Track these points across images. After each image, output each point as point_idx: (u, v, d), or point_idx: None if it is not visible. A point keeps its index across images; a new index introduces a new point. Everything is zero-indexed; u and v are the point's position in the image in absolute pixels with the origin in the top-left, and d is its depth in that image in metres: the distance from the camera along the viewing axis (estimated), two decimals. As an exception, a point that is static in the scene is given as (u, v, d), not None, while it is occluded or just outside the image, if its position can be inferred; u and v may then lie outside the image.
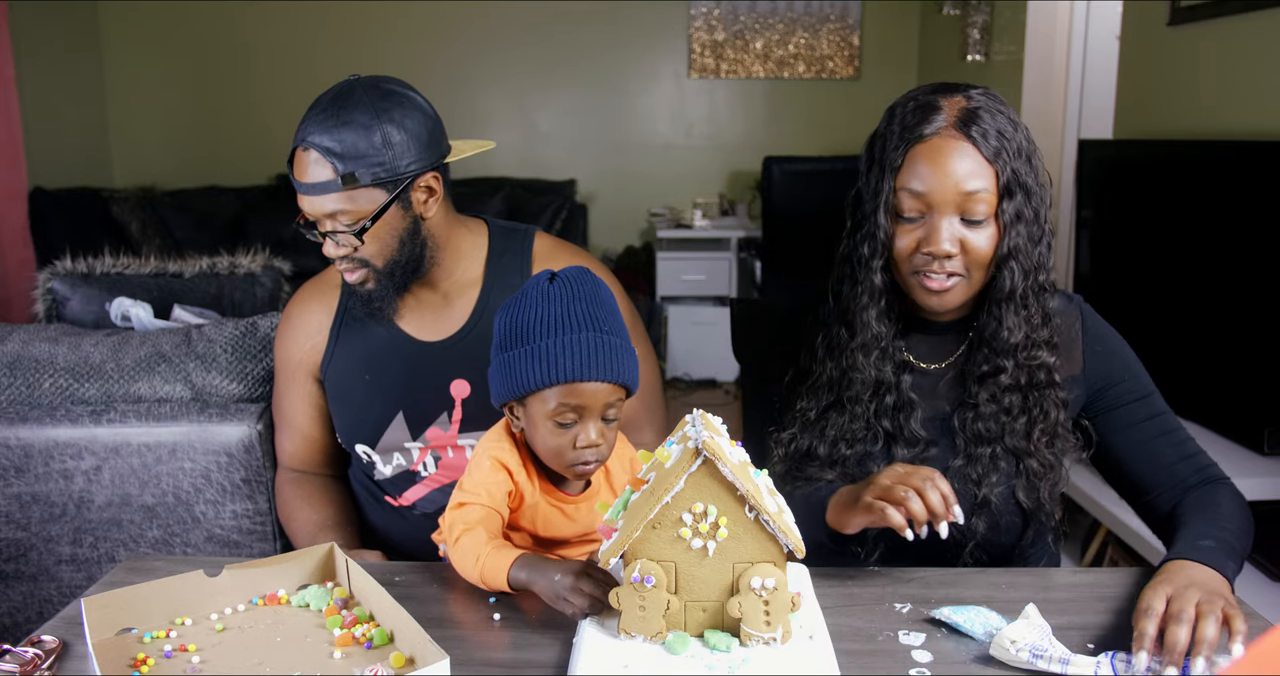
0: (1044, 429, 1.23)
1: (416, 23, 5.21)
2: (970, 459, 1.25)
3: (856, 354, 1.26)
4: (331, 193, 1.32)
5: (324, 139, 1.31)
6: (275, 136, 5.34)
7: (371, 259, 1.38)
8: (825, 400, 1.29)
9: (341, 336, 1.49)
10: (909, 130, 1.19)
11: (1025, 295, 1.21)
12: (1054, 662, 0.94)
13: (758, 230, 4.64)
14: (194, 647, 1.01)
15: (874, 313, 1.25)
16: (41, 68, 4.64)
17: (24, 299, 3.72)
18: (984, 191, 1.16)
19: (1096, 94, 3.42)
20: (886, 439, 1.28)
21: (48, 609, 1.69)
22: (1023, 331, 1.22)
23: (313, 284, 1.57)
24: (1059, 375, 1.24)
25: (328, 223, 1.35)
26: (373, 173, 1.32)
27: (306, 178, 1.33)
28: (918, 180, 1.17)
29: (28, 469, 1.61)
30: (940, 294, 1.21)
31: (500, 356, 1.15)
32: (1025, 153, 1.19)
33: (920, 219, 1.19)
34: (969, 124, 1.17)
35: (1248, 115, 2.32)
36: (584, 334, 1.11)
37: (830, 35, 5.22)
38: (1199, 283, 2.23)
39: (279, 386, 1.56)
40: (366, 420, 1.47)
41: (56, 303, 2.10)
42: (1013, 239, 1.18)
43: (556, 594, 1.02)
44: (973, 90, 1.21)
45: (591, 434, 1.12)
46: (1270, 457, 2.02)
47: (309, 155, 1.33)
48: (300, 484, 1.55)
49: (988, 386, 1.24)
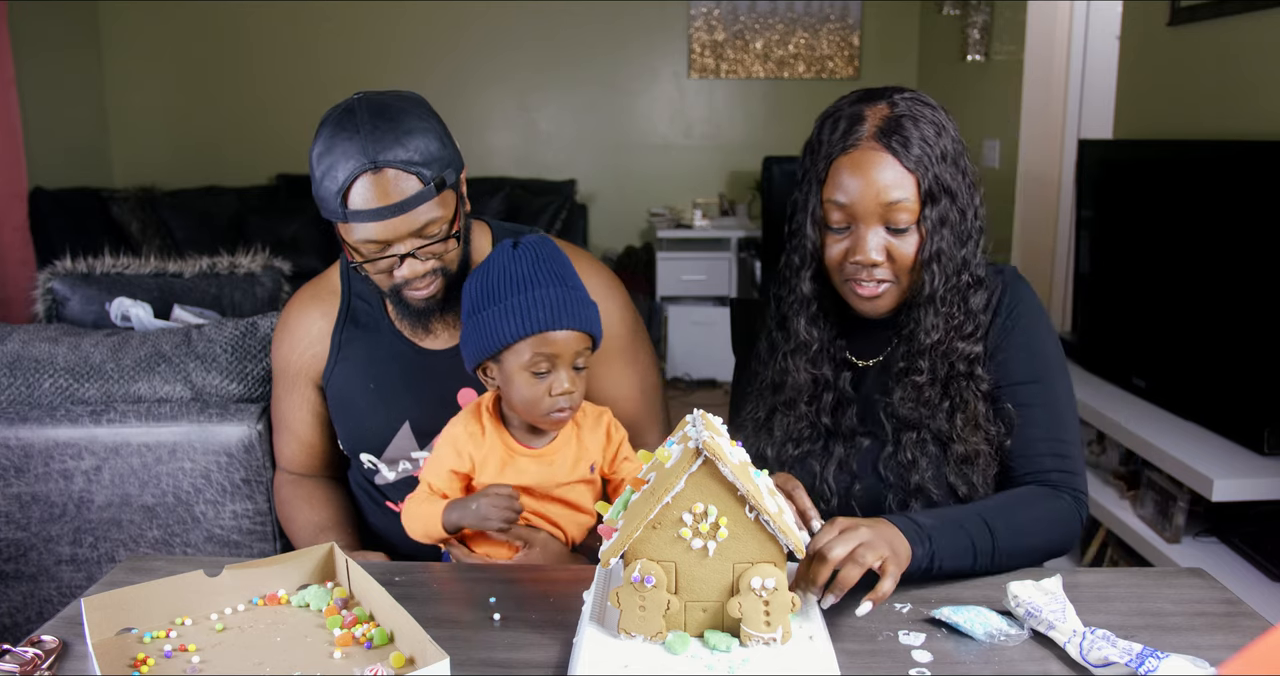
0: (966, 418, 1.24)
1: (417, 23, 5.22)
2: (899, 445, 1.26)
3: (789, 358, 1.31)
4: (425, 202, 1.25)
5: (397, 153, 1.23)
6: (275, 136, 5.36)
7: (450, 265, 1.33)
8: (769, 403, 1.34)
9: (344, 344, 1.47)
10: (833, 143, 1.22)
11: (945, 296, 1.23)
12: (1041, 624, 1.01)
13: (758, 230, 4.64)
14: (194, 647, 1.01)
15: (803, 319, 1.30)
16: (41, 68, 4.65)
17: (24, 299, 3.72)
18: (906, 200, 1.19)
19: (1096, 94, 3.43)
20: (825, 436, 1.31)
21: (48, 609, 1.69)
22: (940, 331, 1.24)
23: (309, 288, 1.52)
24: (979, 367, 1.25)
25: (410, 242, 1.27)
26: (453, 173, 1.29)
27: (391, 198, 1.23)
28: (841, 192, 1.21)
29: (28, 469, 1.61)
30: (871, 300, 1.25)
31: (473, 319, 1.22)
32: (950, 155, 1.21)
33: (847, 229, 1.23)
34: (889, 134, 1.19)
35: (1248, 115, 2.32)
36: (551, 289, 1.19)
37: (830, 35, 5.23)
38: (1199, 282, 2.23)
39: (277, 391, 1.54)
40: (372, 429, 1.44)
41: (56, 303, 2.10)
42: (935, 244, 1.21)
43: (482, 517, 1.18)
44: (898, 95, 1.23)
45: (564, 382, 1.20)
46: (1270, 457, 2.02)
47: (384, 175, 1.23)
48: (300, 485, 1.54)
49: (903, 383, 1.26)
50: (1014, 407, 1.25)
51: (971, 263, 1.25)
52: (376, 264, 1.29)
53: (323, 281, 1.52)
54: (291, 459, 1.55)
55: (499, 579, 1.18)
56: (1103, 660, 0.94)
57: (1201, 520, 2.18)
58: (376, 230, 1.25)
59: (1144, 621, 1.06)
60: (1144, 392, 2.46)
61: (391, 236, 1.26)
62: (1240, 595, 1.15)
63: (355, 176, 1.23)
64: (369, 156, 1.22)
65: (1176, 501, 2.17)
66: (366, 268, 1.31)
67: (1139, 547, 2.25)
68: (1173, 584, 1.16)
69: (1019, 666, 0.97)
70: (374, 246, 1.27)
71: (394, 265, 1.29)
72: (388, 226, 1.24)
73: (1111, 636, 0.96)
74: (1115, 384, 2.58)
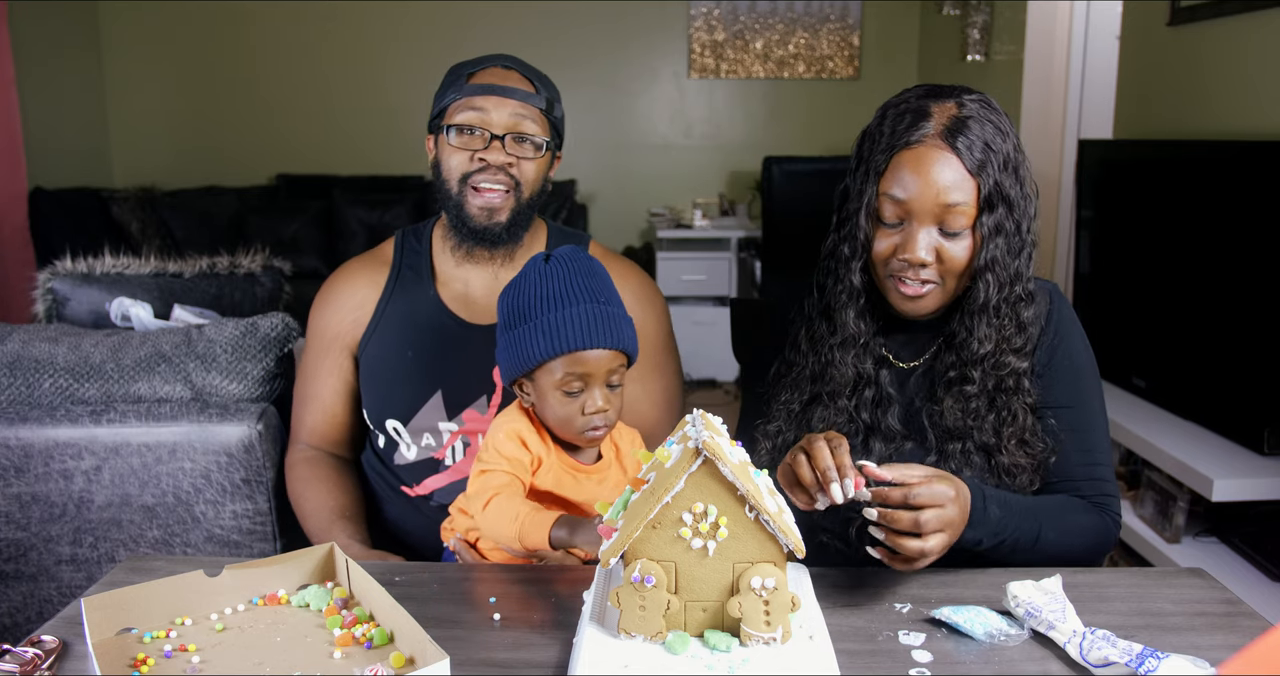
0: (1013, 432, 1.23)
1: (417, 23, 5.21)
2: (943, 455, 1.25)
3: (835, 351, 1.27)
4: (533, 104, 1.44)
5: (527, 69, 1.47)
6: (275, 136, 5.37)
7: (524, 181, 1.45)
8: (807, 393, 1.30)
9: (387, 312, 1.52)
10: (897, 135, 1.19)
11: (999, 306, 1.21)
12: (1041, 624, 1.01)
13: (758, 230, 4.64)
14: (194, 647, 1.00)
15: (852, 312, 1.26)
16: (41, 67, 4.65)
17: (24, 299, 3.72)
18: (964, 204, 1.16)
19: (1096, 94, 3.43)
20: (865, 432, 1.29)
21: (48, 609, 1.69)
22: (993, 342, 1.22)
23: (359, 259, 1.59)
24: (1028, 381, 1.24)
25: (507, 129, 1.42)
26: (559, 116, 1.49)
27: (509, 83, 1.44)
28: (899, 187, 1.18)
29: (28, 469, 1.61)
30: (914, 300, 1.22)
31: (506, 335, 1.21)
32: (1012, 164, 1.18)
33: (899, 225, 1.20)
34: (955, 134, 1.16)
35: (1248, 115, 2.32)
36: (583, 306, 1.17)
37: (830, 35, 5.22)
38: (1199, 282, 2.23)
39: (308, 359, 1.57)
40: (403, 396, 1.47)
41: (56, 302, 2.10)
42: (990, 251, 1.18)
43: (595, 543, 1.08)
44: (967, 96, 1.20)
45: (598, 400, 1.19)
46: (1270, 457, 2.02)
47: (511, 72, 1.45)
48: (316, 464, 1.53)
49: (953, 392, 1.24)
50: (1056, 430, 1.25)
51: (1024, 275, 1.23)
52: (466, 140, 1.42)
53: (374, 254, 1.60)
54: (312, 430, 1.56)
55: (499, 579, 1.18)
56: (1103, 660, 0.94)
57: (1201, 520, 2.18)
58: (485, 103, 1.41)
59: (1144, 621, 1.06)
60: (1144, 392, 2.46)
61: (495, 114, 1.41)
62: (1240, 595, 1.14)
63: (488, 65, 1.46)
64: (500, 60, 1.47)
65: (1176, 501, 2.17)
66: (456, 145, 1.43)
67: (1139, 547, 2.25)
68: (1173, 584, 1.16)
69: (1019, 666, 0.97)
70: (474, 115, 1.42)
71: (482, 145, 1.42)
72: (495, 102, 1.41)
73: (1111, 636, 0.96)
74: (1115, 384, 2.58)
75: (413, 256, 1.56)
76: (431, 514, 1.47)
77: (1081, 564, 1.21)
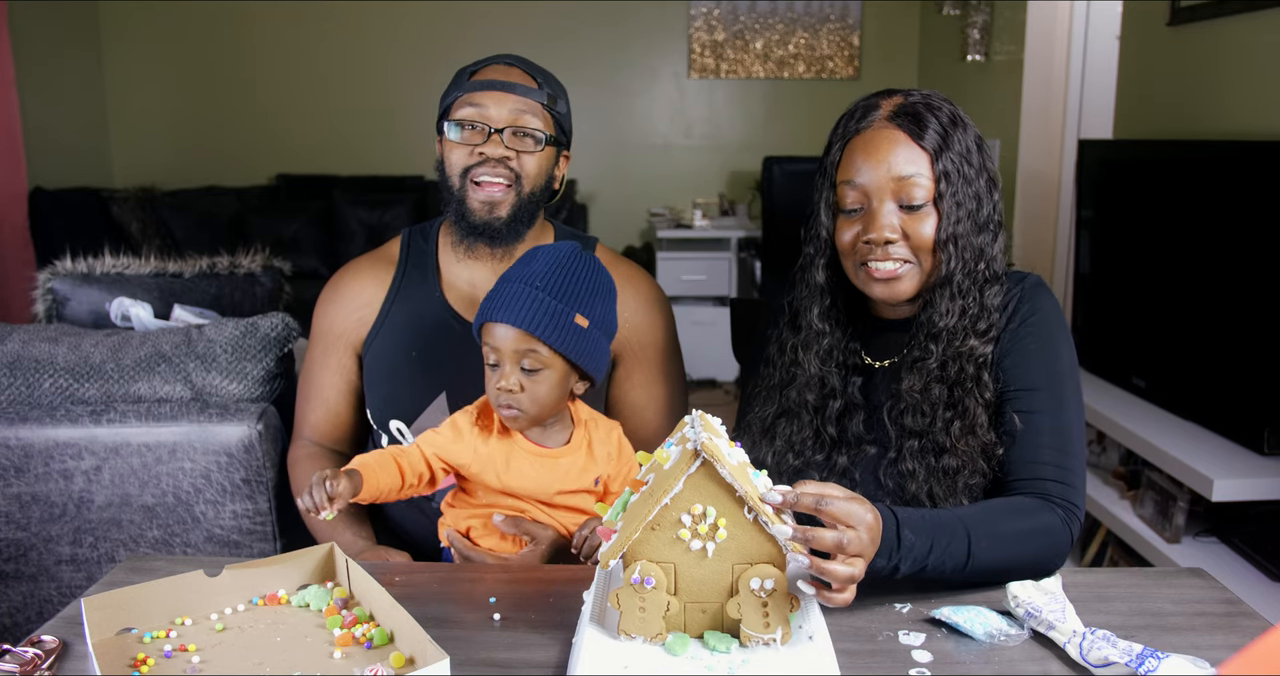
0: (963, 425, 1.19)
1: (417, 23, 5.21)
2: (900, 452, 1.23)
3: (799, 350, 1.28)
4: (534, 99, 1.45)
5: (530, 66, 1.48)
6: (275, 137, 5.37)
7: (524, 175, 1.45)
8: (775, 406, 1.30)
9: (392, 312, 1.52)
10: (848, 130, 1.23)
11: (961, 282, 1.21)
12: (1041, 624, 1.01)
13: (758, 230, 4.64)
14: (194, 647, 1.00)
15: (816, 309, 1.28)
16: (41, 67, 4.65)
17: (24, 299, 3.72)
18: (919, 175, 1.18)
19: (1096, 94, 3.43)
20: (830, 446, 1.28)
21: (48, 609, 1.69)
22: (955, 317, 1.21)
23: (366, 258, 1.59)
24: (987, 375, 1.21)
25: (507, 122, 1.42)
26: (562, 112, 1.50)
27: (511, 78, 1.45)
28: (854, 171, 1.20)
29: (28, 469, 1.61)
30: (888, 281, 1.21)
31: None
32: (967, 146, 1.20)
33: (860, 210, 1.21)
34: (902, 116, 1.19)
35: (1248, 115, 2.32)
36: (517, 285, 1.20)
37: (830, 35, 5.22)
38: (1199, 282, 2.23)
39: (312, 356, 1.57)
40: (407, 397, 1.48)
41: (56, 302, 2.10)
42: (951, 226, 1.19)
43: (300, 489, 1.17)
44: (915, 92, 1.23)
45: (506, 379, 1.21)
46: (1270, 457, 2.02)
47: (512, 69, 1.47)
48: (319, 460, 1.53)
49: (914, 373, 1.22)
50: (1021, 413, 1.19)
51: (989, 254, 1.22)
52: (467, 135, 1.43)
53: (381, 252, 1.60)
54: (314, 427, 1.56)
55: (499, 579, 1.18)
56: (1103, 660, 0.94)
57: (1201, 520, 2.18)
58: (484, 97, 1.42)
59: (1144, 621, 1.06)
60: (1144, 392, 2.46)
61: (493, 108, 1.42)
62: (1240, 595, 1.14)
63: (492, 62, 1.47)
64: (503, 58, 1.48)
65: (1176, 501, 2.17)
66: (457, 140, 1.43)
67: (1139, 547, 2.25)
68: (1173, 584, 1.16)
69: (1019, 666, 0.97)
70: (474, 111, 1.42)
71: (482, 139, 1.42)
72: (495, 97, 1.42)
73: (1111, 636, 0.96)
74: (1115, 384, 2.58)
75: (419, 256, 1.56)
76: (433, 514, 1.47)
77: (1041, 570, 1.12)
